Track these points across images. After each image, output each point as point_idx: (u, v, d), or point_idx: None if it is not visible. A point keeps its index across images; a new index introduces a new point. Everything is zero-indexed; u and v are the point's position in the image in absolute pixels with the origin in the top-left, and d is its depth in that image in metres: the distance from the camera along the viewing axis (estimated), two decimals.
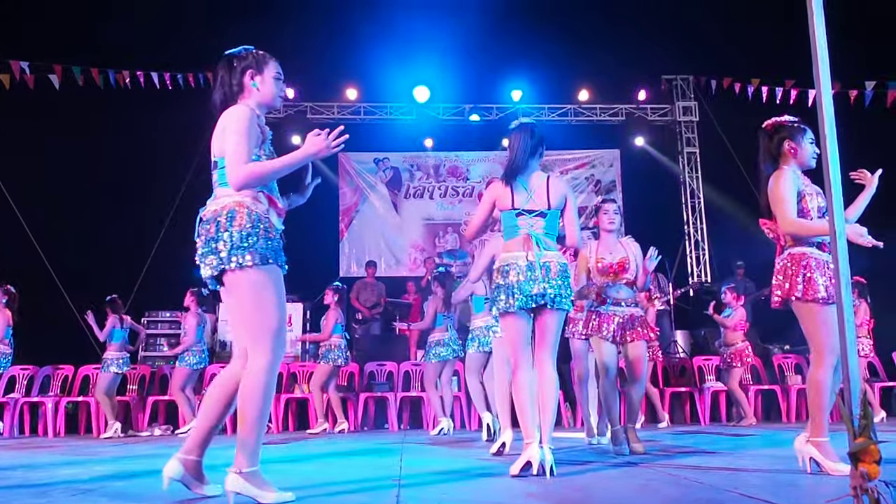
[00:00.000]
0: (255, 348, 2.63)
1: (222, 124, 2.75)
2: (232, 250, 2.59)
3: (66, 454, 5.36)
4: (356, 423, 8.22)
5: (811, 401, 3.23)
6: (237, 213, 2.64)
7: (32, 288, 8.87)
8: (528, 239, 3.55)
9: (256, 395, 2.58)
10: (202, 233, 2.69)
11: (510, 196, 3.62)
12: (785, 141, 3.40)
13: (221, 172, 2.73)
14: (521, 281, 3.48)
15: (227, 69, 2.86)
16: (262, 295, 2.63)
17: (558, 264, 3.54)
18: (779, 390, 8.25)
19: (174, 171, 10.58)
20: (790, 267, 3.27)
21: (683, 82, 13.25)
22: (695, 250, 12.93)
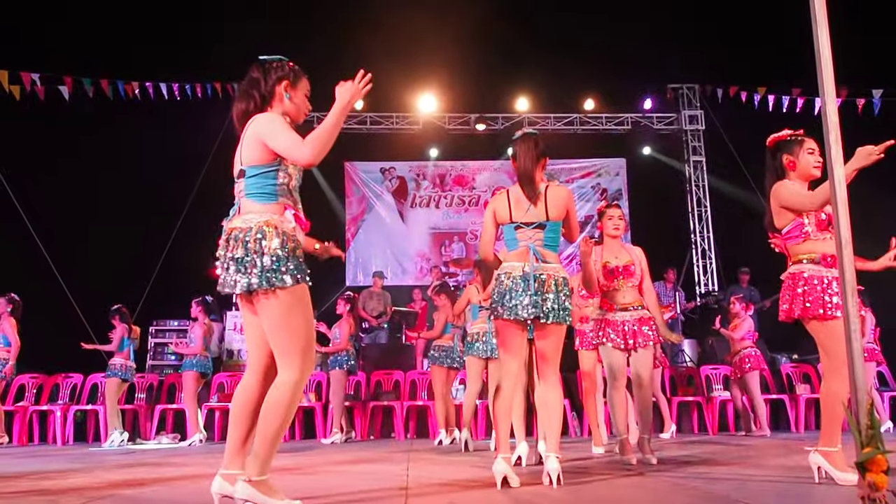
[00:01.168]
0: (284, 364, 2.64)
1: (255, 131, 2.72)
2: (265, 273, 2.59)
3: (75, 462, 5.38)
4: (363, 431, 8.22)
5: (825, 412, 3.23)
6: (267, 234, 2.63)
7: (42, 297, 8.93)
8: (526, 252, 3.56)
9: (280, 409, 2.60)
10: (229, 250, 2.67)
11: (508, 209, 3.63)
12: (783, 155, 3.43)
13: (250, 182, 2.71)
14: (514, 291, 3.49)
15: (262, 74, 2.85)
16: (294, 314, 2.64)
17: (555, 277, 3.52)
18: (787, 399, 8.20)
19: (182, 181, 10.65)
20: (791, 288, 3.34)
21: (689, 91, 13.26)
22: (702, 259, 12.90)
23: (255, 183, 2.71)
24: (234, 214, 2.75)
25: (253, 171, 2.71)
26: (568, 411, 8.12)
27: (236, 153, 2.83)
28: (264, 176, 2.71)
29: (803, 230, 3.32)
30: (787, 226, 3.37)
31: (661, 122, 13.33)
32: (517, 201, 3.63)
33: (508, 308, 3.48)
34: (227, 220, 2.77)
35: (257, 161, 2.71)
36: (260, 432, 2.62)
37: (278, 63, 2.89)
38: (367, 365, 9.40)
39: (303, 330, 2.66)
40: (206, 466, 4.83)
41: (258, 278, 2.59)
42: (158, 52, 10.96)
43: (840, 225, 2.01)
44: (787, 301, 3.35)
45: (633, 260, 4.73)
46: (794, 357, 9.24)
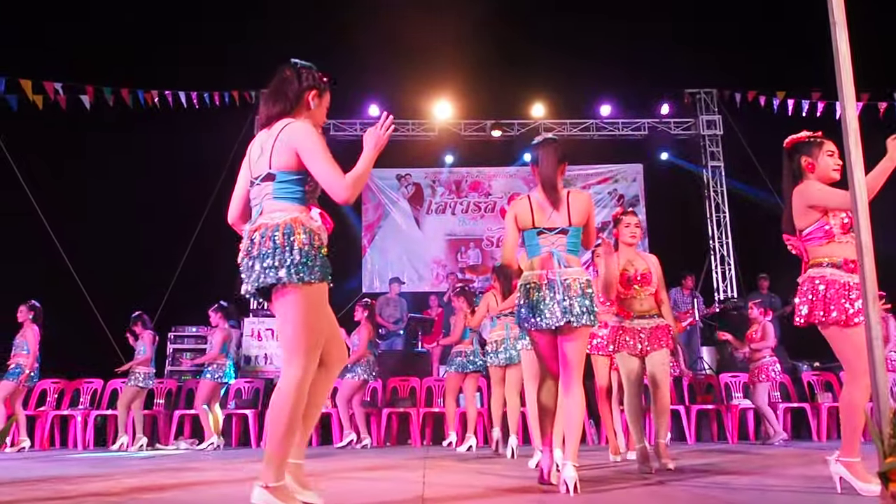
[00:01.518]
0: (290, 362, 2.65)
1: (292, 140, 2.72)
2: (292, 266, 2.61)
3: (96, 467, 5.42)
4: (379, 438, 8.22)
5: (845, 421, 3.18)
6: (295, 230, 2.65)
7: (63, 303, 9.03)
8: (549, 258, 3.55)
9: (286, 409, 2.60)
10: (252, 247, 2.68)
11: (531, 214, 3.62)
12: (802, 157, 3.38)
13: (280, 186, 2.73)
14: (542, 300, 3.48)
15: (295, 77, 2.87)
16: (311, 312, 2.67)
17: (580, 281, 3.52)
18: (808, 408, 8.10)
19: (201, 188, 10.74)
20: (811, 291, 3.26)
21: (707, 96, 13.18)
22: (720, 265, 12.80)
23: (283, 188, 2.73)
24: (258, 215, 2.76)
25: (284, 176, 2.73)
26: (585, 419, 8.07)
27: (255, 154, 2.83)
28: (294, 182, 2.74)
29: (827, 231, 3.24)
30: (810, 227, 3.29)
31: (679, 128, 13.25)
32: (540, 206, 3.61)
33: (541, 318, 3.48)
34: (251, 221, 2.78)
35: (289, 167, 2.73)
36: (270, 435, 2.63)
37: (309, 70, 2.91)
38: (383, 371, 9.41)
39: (315, 329, 2.68)
40: (225, 472, 4.85)
41: (287, 272, 2.60)
42: (177, 62, 11.09)
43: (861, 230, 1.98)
44: (806, 304, 3.26)
45: (650, 268, 4.72)
46: (816, 365, 9.12)
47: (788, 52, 10.89)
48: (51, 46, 10.50)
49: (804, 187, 3.31)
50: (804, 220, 3.31)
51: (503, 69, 11.77)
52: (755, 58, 11.47)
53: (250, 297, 2.77)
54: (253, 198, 2.82)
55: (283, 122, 2.78)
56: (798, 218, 3.32)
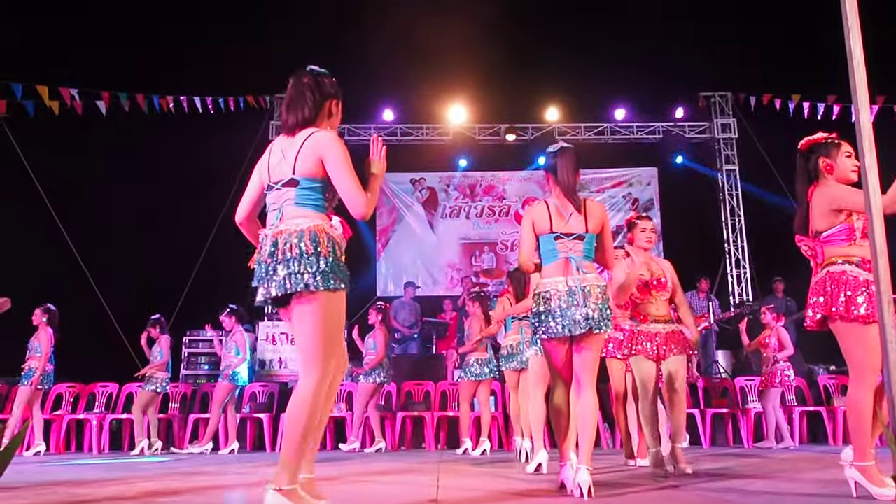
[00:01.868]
0: (307, 368, 2.67)
1: (317, 148, 2.75)
2: (318, 273, 2.63)
3: (111, 471, 5.46)
4: (394, 442, 8.23)
5: (851, 424, 3.15)
6: (320, 238, 2.68)
7: (78, 307, 9.11)
8: (567, 263, 3.55)
9: (304, 414, 2.61)
10: (276, 252, 2.69)
11: (549, 219, 3.62)
12: (820, 158, 3.34)
13: (302, 192, 2.75)
14: (563, 307, 3.48)
15: (315, 85, 2.89)
16: (331, 319, 2.69)
17: (598, 287, 3.53)
18: (824, 412, 8.03)
19: (216, 193, 10.81)
20: (829, 285, 3.19)
21: (722, 99, 13.11)
22: (736, 269, 12.72)
23: (306, 194, 2.76)
24: (277, 220, 2.77)
25: (308, 182, 2.75)
26: (600, 423, 8.05)
27: (275, 158, 2.84)
28: (317, 189, 2.77)
29: (850, 233, 3.18)
30: (833, 228, 3.22)
31: (694, 131, 13.19)
32: (558, 212, 3.62)
33: (562, 325, 3.47)
34: (271, 226, 2.79)
35: (314, 174, 2.76)
36: (286, 439, 2.64)
37: (329, 79, 2.94)
38: (397, 375, 9.43)
39: (333, 335, 2.70)
40: (240, 476, 4.88)
41: (313, 279, 2.62)
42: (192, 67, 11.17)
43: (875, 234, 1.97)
44: (827, 298, 3.17)
45: (665, 273, 4.71)
46: (832, 368, 9.04)
47: (803, 55, 10.83)
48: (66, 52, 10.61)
49: (830, 189, 3.25)
50: (825, 222, 3.25)
51: (517, 72, 11.78)
52: (770, 61, 11.42)
53: (266, 304, 2.76)
54: (271, 202, 2.84)
55: (309, 131, 2.81)
56: (819, 219, 3.27)
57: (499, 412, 8.23)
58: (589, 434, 3.47)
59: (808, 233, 3.34)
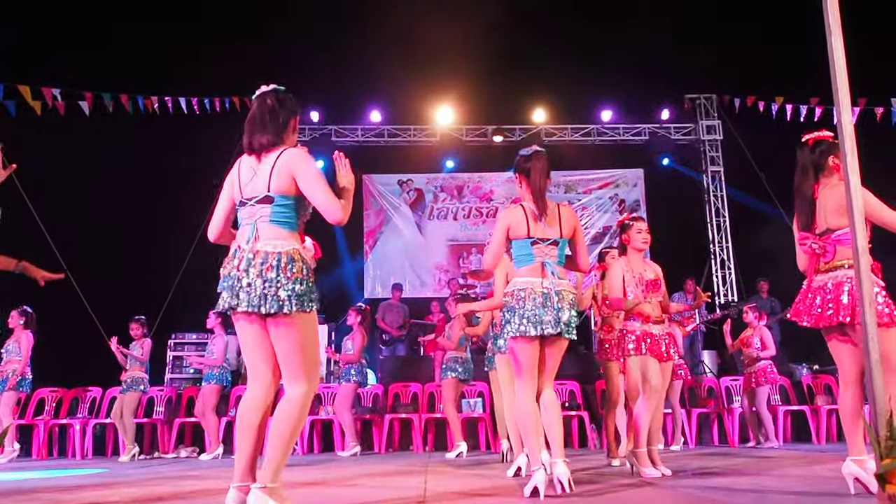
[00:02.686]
0: (296, 378, 2.77)
1: (290, 166, 2.82)
2: (294, 297, 2.72)
3: (94, 476, 5.41)
4: (381, 444, 8.20)
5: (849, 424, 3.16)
6: (295, 262, 2.76)
7: (61, 311, 9.01)
8: (542, 267, 3.58)
9: (293, 419, 2.75)
10: (258, 270, 2.73)
11: (526, 224, 3.63)
12: (829, 157, 3.30)
13: (277, 210, 2.81)
14: (537, 309, 3.50)
15: (278, 105, 2.94)
16: (309, 336, 2.80)
17: (570, 294, 3.59)
18: (808, 411, 8.09)
19: (201, 195, 10.74)
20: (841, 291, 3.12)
21: (707, 101, 13.21)
22: (721, 269, 12.80)
23: (280, 212, 2.82)
24: (252, 236, 2.80)
25: (282, 199, 2.82)
26: (587, 423, 8.06)
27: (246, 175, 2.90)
28: (291, 207, 2.84)
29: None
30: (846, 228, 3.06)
31: (679, 133, 13.27)
32: (534, 217, 3.64)
33: (534, 325, 3.49)
34: (246, 241, 2.81)
35: (288, 192, 2.83)
36: (273, 442, 2.73)
37: (288, 96, 3.00)
38: (384, 377, 9.41)
39: (313, 349, 2.83)
40: (225, 480, 4.84)
41: (289, 302, 2.71)
42: (177, 67, 11.11)
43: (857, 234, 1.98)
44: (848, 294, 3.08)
45: (659, 275, 4.76)
46: (815, 368, 9.11)
47: (787, 58, 10.91)
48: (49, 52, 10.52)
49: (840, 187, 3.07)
50: (842, 220, 3.10)
51: (504, 74, 11.79)
52: (754, 63, 11.49)
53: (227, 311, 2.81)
54: (245, 216, 2.88)
55: (280, 149, 2.88)
56: (834, 216, 3.20)
57: (486, 413, 8.23)
58: (558, 430, 3.53)
59: (813, 230, 3.28)
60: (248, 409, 2.82)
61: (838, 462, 3.18)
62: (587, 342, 9.90)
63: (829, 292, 3.18)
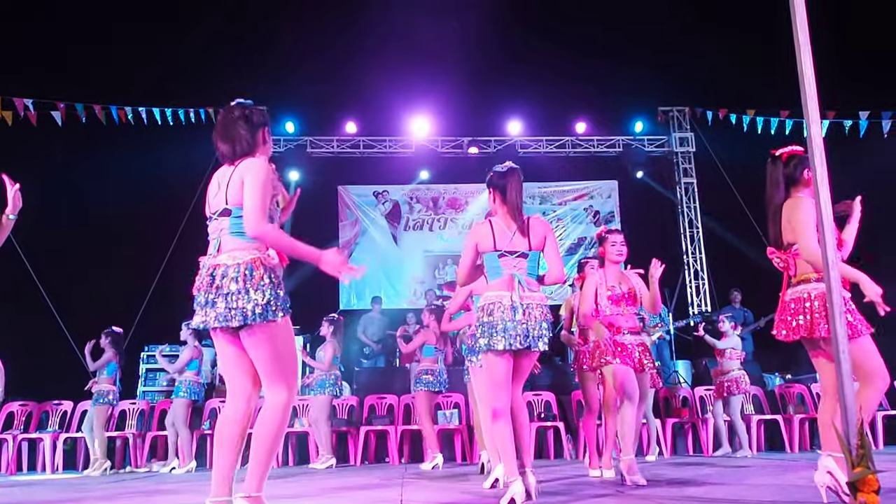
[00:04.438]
0: (274, 387, 2.76)
1: (243, 174, 2.80)
2: (259, 307, 2.68)
3: (65, 491, 5.31)
4: (356, 456, 8.14)
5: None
6: (255, 271, 2.72)
7: (31, 324, 8.87)
8: (511, 280, 3.61)
9: (273, 428, 2.74)
10: (216, 285, 2.73)
11: (492, 237, 3.68)
12: (805, 169, 3.29)
13: (236, 221, 2.79)
14: (506, 321, 3.54)
15: (245, 122, 2.92)
16: (283, 344, 2.78)
17: (540, 306, 3.62)
18: (781, 420, 8.19)
19: (175, 206, 10.64)
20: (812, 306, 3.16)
21: (679, 113, 13.39)
22: (694, 280, 12.95)
23: (239, 223, 2.79)
24: (216, 250, 2.82)
25: (239, 211, 2.79)
26: (563, 433, 8.08)
27: (213, 190, 2.91)
28: None
29: None
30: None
31: (652, 145, 13.44)
32: (501, 231, 3.69)
33: (503, 339, 3.52)
34: (208, 256, 2.83)
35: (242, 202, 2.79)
36: (255, 451, 2.72)
37: (258, 109, 3.00)
38: (360, 389, 9.35)
39: (290, 356, 2.81)
40: (197, 494, 4.78)
41: (253, 313, 2.68)
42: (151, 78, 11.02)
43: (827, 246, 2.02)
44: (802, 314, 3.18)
45: (634, 287, 4.79)
46: (788, 377, 9.23)
47: (758, 71, 11.10)
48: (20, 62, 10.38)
49: (798, 205, 3.23)
50: (794, 236, 3.24)
51: (480, 87, 11.86)
52: (726, 76, 11.67)
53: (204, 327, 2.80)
54: (211, 232, 2.89)
55: (243, 161, 2.86)
56: (789, 232, 3.27)
57: (462, 425, 8.22)
58: (527, 440, 3.72)
59: (780, 245, 3.34)
60: (225, 422, 2.80)
61: (811, 471, 3.23)
62: (562, 353, 9.93)
63: (796, 306, 3.24)
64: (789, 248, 3.30)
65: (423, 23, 9.91)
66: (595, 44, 11.38)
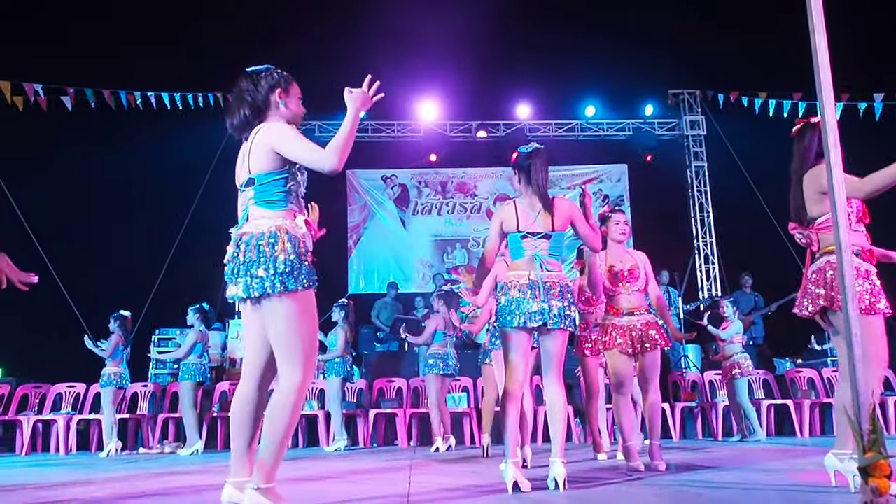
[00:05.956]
0: (287, 369, 2.65)
1: (264, 140, 2.73)
2: (276, 276, 2.61)
3: (78, 472, 5.37)
4: (366, 439, 8.20)
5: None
6: (279, 238, 2.65)
7: (44, 307, 8.92)
8: (532, 260, 3.63)
9: (285, 413, 2.62)
10: (238, 254, 2.69)
11: (515, 218, 3.69)
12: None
13: (259, 189, 2.73)
14: (521, 298, 3.55)
15: (252, 84, 2.86)
16: (302, 319, 2.67)
17: (560, 285, 3.60)
18: (791, 405, 8.16)
19: (185, 189, 10.68)
20: (831, 275, 3.09)
21: (690, 96, 13.28)
22: (704, 264, 12.89)
23: (264, 190, 2.74)
24: (244, 221, 2.77)
25: (263, 178, 2.74)
26: (571, 418, 8.10)
27: (238, 163, 2.85)
28: (274, 183, 2.74)
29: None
30: (826, 215, 3.13)
31: (663, 128, 13.34)
32: (524, 212, 3.70)
33: (517, 316, 3.54)
34: (237, 227, 2.78)
35: (267, 168, 2.74)
36: (266, 438, 2.63)
37: (267, 72, 2.91)
38: (369, 373, 9.40)
39: (308, 335, 2.69)
40: (209, 475, 4.82)
41: (272, 281, 2.61)
42: (159, 62, 11.02)
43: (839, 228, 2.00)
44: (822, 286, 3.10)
45: (637, 264, 4.72)
46: (798, 361, 9.20)
47: (770, 54, 10.98)
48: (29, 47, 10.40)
49: (820, 171, 3.08)
50: (818, 208, 3.19)
51: (488, 70, 11.79)
52: (738, 58, 11.56)
53: (235, 301, 2.77)
54: (239, 205, 2.84)
55: (257, 128, 2.80)
56: (813, 205, 3.20)
57: (471, 408, 8.25)
58: (560, 428, 3.55)
59: (802, 220, 3.27)
60: (237, 401, 2.76)
61: (821, 455, 3.22)
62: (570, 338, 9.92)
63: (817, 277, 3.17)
64: (811, 223, 3.22)
65: (431, 6, 9.85)
66: (605, 26, 11.30)
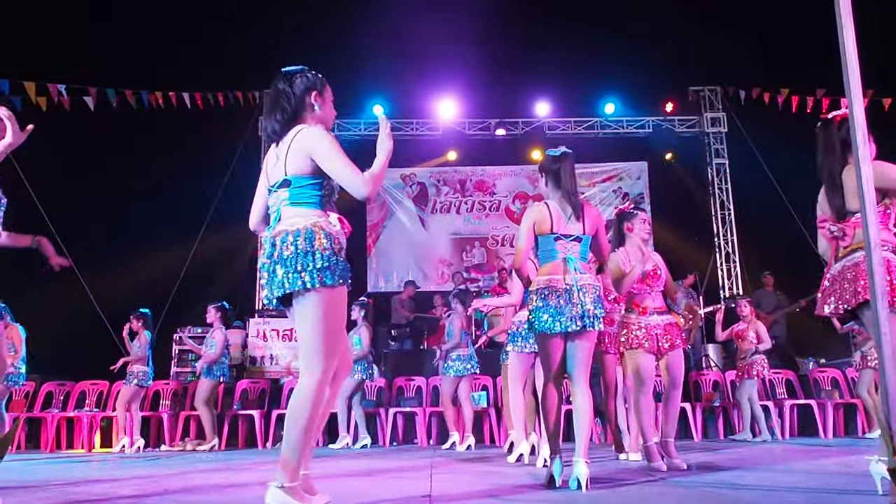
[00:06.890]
0: (307, 366, 2.67)
1: (304, 145, 2.74)
2: (315, 271, 2.63)
3: (101, 469, 5.43)
4: (385, 438, 8.22)
5: None
6: (316, 235, 2.68)
7: (67, 306, 9.02)
8: (565, 263, 3.65)
9: (305, 412, 2.62)
10: (274, 253, 2.70)
11: (550, 221, 3.71)
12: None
13: (295, 192, 2.75)
14: (561, 304, 3.58)
15: (289, 86, 2.86)
16: (331, 315, 2.69)
17: (593, 287, 3.65)
18: (815, 405, 8.07)
19: (206, 189, 10.76)
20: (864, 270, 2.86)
21: (711, 93, 13.17)
22: (725, 263, 12.77)
23: (300, 193, 2.76)
24: (276, 221, 2.78)
25: (300, 181, 2.75)
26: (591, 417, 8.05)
27: (271, 163, 2.86)
28: (311, 187, 2.76)
29: (887, 216, 2.98)
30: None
31: (683, 126, 13.23)
32: (557, 214, 3.73)
33: (558, 322, 3.57)
34: (270, 228, 2.80)
35: (305, 172, 2.75)
36: (286, 437, 2.64)
37: (302, 74, 2.91)
38: (388, 371, 9.41)
39: (334, 332, 2.70)
40: (231, 472, 4.86)
41: (310, 276, 2.63)
42: (181, 63, 11.11)
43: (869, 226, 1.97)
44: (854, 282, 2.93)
45: (658, 265, 4.72)
46: (822, 361, 9.09)
47: (792, 50, 10.87)
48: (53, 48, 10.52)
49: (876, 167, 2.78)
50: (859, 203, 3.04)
51: (507, 68, 11.78)
52: (759, 55, 11.45)
53: (272, 304, 2.78)
54: (271, 205, 2.85)
55: (295, 129, 2.80)
56: (853, 199, 2.96)
57: (490, 407, 8.23)
58: (584, 428, 3.59)
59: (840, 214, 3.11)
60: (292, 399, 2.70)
61: (845, 457, 3.18)
62: None
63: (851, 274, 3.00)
64: (849, 216, 3.06)
65: (450, 3, 9.84)
66: (625, 23, 11.21)
